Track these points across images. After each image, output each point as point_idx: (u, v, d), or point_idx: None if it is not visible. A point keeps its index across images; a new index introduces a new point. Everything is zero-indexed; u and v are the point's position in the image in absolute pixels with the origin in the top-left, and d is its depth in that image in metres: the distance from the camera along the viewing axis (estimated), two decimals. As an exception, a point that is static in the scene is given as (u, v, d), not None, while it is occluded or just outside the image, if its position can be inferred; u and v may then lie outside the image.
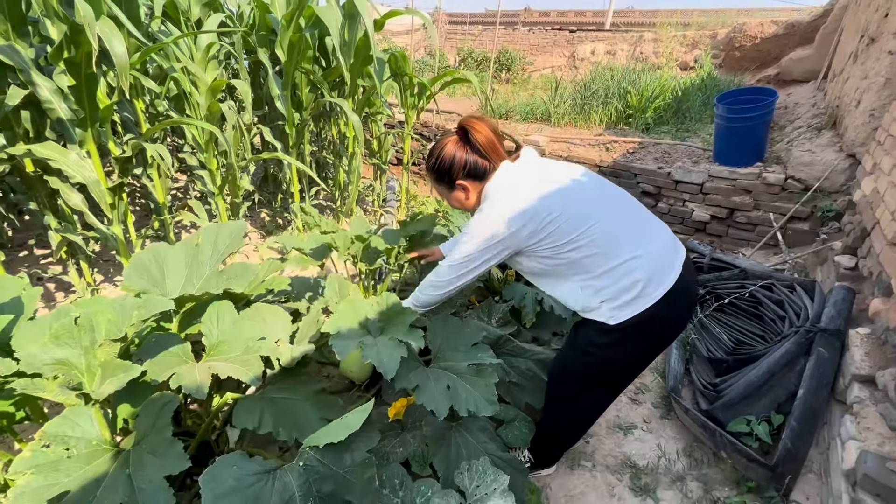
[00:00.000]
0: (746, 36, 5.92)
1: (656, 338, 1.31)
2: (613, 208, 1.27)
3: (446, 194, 1.42)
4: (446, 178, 1.36)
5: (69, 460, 0.98)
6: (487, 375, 1.33)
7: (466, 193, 1.37)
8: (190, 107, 2.67)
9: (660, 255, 1.24)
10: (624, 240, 1.22)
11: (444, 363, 1.41)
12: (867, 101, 2.77)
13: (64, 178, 2.21)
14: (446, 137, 1.36)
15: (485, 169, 1.32)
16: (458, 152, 1.32)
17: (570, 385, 1.46)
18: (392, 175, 4.94)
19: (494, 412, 1.25)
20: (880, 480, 1.26)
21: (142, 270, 1.43)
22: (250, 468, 1.07)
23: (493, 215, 1.25)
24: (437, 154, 1.36)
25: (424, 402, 1.21)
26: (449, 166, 1.33)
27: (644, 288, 1.19)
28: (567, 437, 1.64)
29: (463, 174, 1.33)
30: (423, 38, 11.66)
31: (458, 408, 1.24)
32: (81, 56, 1.81)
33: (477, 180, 1.34)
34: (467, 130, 1.31)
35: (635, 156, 3.96)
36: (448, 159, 1.33)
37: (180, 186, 4.58)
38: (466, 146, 1.32)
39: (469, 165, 1.32)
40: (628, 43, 8.25)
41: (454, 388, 1.28)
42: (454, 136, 1.35)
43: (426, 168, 1.42)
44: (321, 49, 3.28)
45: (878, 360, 1.61)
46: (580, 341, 1.35)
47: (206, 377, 1.15)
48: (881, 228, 1.99)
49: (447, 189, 1.40)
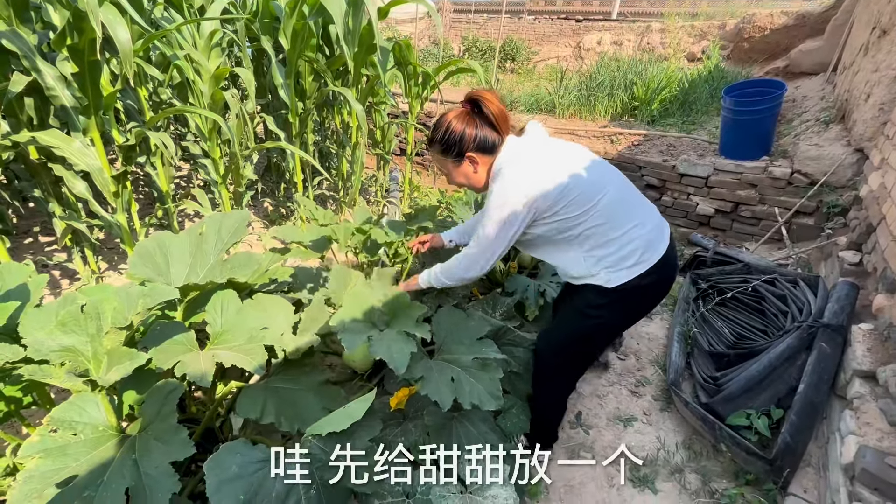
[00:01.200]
0: (756, 27, 5.83)
1: (647, 300, 1.39)
2: (616, 181, 1.33)
3: (452, 169, 1.38)
4: (455, 151, 1.32)
5: (76, 445, 1.00)
6: (492, 370, 1.34)
7: (475, 167, 1.34)
8: (193, 95, 2.66)
9: (655, 226, 1.33)
10: (627, 211, 1.29)
11: (447, 356, 1.42)
12: (877, 94, 2.73)
13: (68, 165, 2.21)
14: (453, 110, 1.32)
15: (494, 142, 1.31)
16: (468, 124, 1.29)
17: (561, 357, 1.49)
18: (395, 165, 4.92)
19: (499, 406, 1.26)
20: (879, 475, 1.27)
21: (146, 259, 1.43)
22: (254, 455, 1.09)
23: (509, 195, 1.25)
24: (445, 125, 1.31)
25: (429, 392, 1.22)
26: (459, 137, 1.30)
27: (642, 255, 1.27)
28: (560, 410, 1.69)
29: (473, 146, 1.30)
30: (427, 27, 11.53)
31: (461, 400, 1.25)
32: (85, 43, 1.80)
33: (487, 154, 1.32)
34: (479, 102, 1.29)
35: (640, 148, 3.93)
36: (458, 130, 1.29)
37: (184, 175, 4.58)
38: (476, 119, 1.30)
39: (479, 138, 1.30)
40: (635, 33, 8.14)
41: (458, 381, 1.29)
42: (462, 108, 1.32)
43: (431, 141, 1.37)
44: (325, 37, 3.25)
45: (879, 356, 1.61)
46: (578, 304, 1.40)
47: (210, 365, 1.17)
48: (887, 224, 1.97)
49: (454, 163, 1.35)
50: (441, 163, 1.40)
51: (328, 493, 1.11)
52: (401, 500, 1.25)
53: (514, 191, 1.24)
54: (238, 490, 1.00)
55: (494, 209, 1.27)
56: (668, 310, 2.70)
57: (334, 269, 1.67)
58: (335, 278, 1.65)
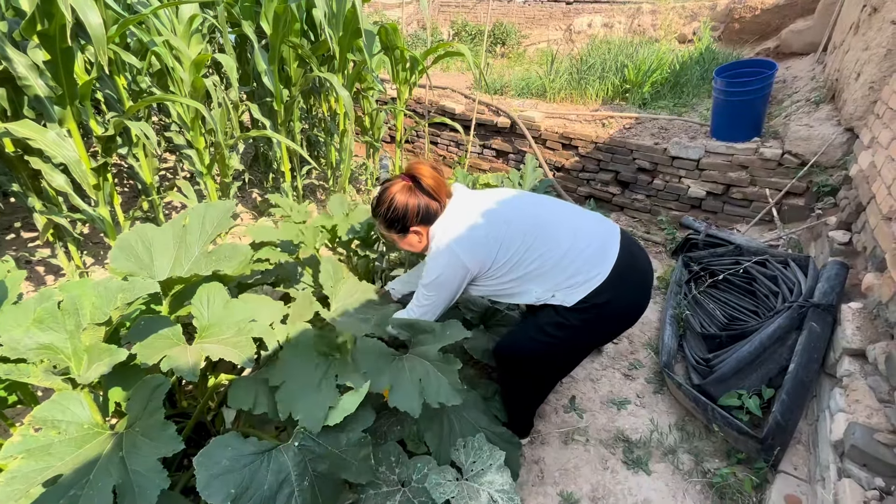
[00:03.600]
0: (746, 7, 5.78)
1: (613, 319, 1.38)
2: (542, 215, 1.37)
3: (397, 240, 1.44)
4: (398, 226, 1.38)
5: (61, 444, 0.98)
6: (452, 362, 1.28)
7: (420, 237, 1.40)
8: (173, 83, 2.58)
9: (589, 244, 1.32)
10: (558, 240, 1.32)
11: (419, 348, 1.37)
12: (867, 73, 2.72)
13: (45, 158, 2.14)
14: (394, 184, 1.37)
15: (435, 211, 1.36)
16: (409, 199, 1.34)
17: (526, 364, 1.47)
18: (385, 153, 4.85)
19: (460, 401, 1.19)
20: (868, 451, 1.28)
21: (128, 252, 1.39)
22: (245, 448, 1.07)
23: (445, 258, 1.32)
24: (387, 202, 1.36)
25: (398, 404, 1.17)
26: (403, 214, 1.35)
27: (586, 273, 1.29)
28: (531, 406, 1.67)
29: (417, 220, 1.36)
30: (415, 12, 11.30)
31: (429, 401, 1.19)
32: (55, 28, 1.72)
33: (428, 224, 1.38)
34: (416, 177, 1.35)
35: (632, 132, 3.90)
36: (401, 207, 1.34)
37: (169, 167, 4.49)
38: (417, 190, 1.35)
39: (421, 211, 1.35)
40: (626, 15, 8.04)
41: (426, 379, 1.23)
42: (402, 181, 1.37)
43: (374, 215, 1.43)
44: (309, 22, 3.16)
45: (869, 335, 1.63)
46: (539, 319, 1.40)
47: (198, 359, 1.14)
48: (877, 203, 1.98)
49: (399, 235, 1.41)
50: (385, 234, 1.46)
51: (322, 484, 1.10)
52: (396, 489, 1.25)
53: (448, 256, 1.31)
54: (229, 484, 0.99)
55: (434, 273, 1.34)
56: (660, 293, 2.71)
57: (324, 261, 1.65)
58: (325, 271, 1.62)
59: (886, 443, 1.29)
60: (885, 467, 1.26)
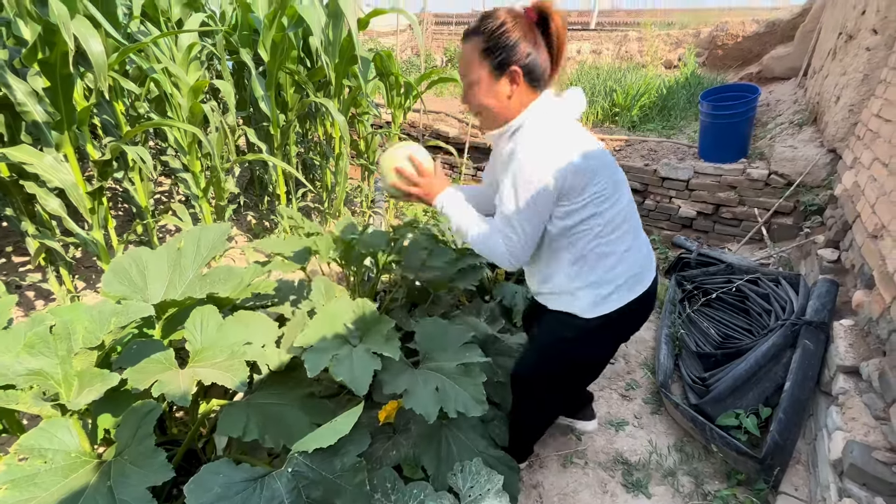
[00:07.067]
0: (728, 34, 6.01)
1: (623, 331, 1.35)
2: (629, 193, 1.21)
3: (483, 79, 1.06)
4: (500, 56, 1.02)
5: (47, 474, 0.95)
6: (475, 375, 1.31)
7: (512, 89, 1.05)
8: (171, 108, 2.62)
9: (647, 254, 1.27)
10: (627, 228, 1.17)
11: (432, 364, 1.39)
12: (846, 96, 2.82)
13: (41, 182, 2.14)
14: (511, 10, 1.04)
15: (542, 76, 1.06)
16: (526, 35, 1.02)
17: (543, 381, 1.43)
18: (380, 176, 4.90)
19: (483, 412, 1.23)
20: (866, 470, 1.28)
21: (122, 276, 1.39)
22: (237, 475, 1.05)
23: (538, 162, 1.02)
24: (500, 20, 1.02)
25: (413, 406, 1.19)
26: (514, 42, 1.01)
27: (627, 281, 1.19)
28: (536, 430, 1.63)
29: (524, 62, 1.03)
30: (409, 39, 11.62)
31: (447, 409, 1.22)
32: (56, 56, 1.76)
33: (530, 84, 1.06)
34: (546, 15, 1.03)
35: (622, 153, 3.98)
36: (514, 36, 1.01)
37: (164, 190, 4.50)
38: (537, 35, 1.04)
39: (532, 58, 1.03)
40: (613, 42, 8.31)
41: (443, 390, 1.26)
42: (525, 15, 1.04)
43: (474, 31, 1.05)
44: (305, 49, 3.24)
45: (861, 352, 1.64)
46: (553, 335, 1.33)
47: (191, 384, 1.12)
48: (862, 221, 2.02)
49: (491, 73, 1.04)
50: (471, 66, 1.06)
51: (315, 512, 1.07)
52: (391, 516, 1.22)
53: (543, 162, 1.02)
54: (220, 513, 0.96)
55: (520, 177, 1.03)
56: (655, 312, 2.72)
57: (316, 281, 1.64)
58: (318, 290, 1.62)
59: (885, 461, 1.28)
60: (885, 486, 1.25)
